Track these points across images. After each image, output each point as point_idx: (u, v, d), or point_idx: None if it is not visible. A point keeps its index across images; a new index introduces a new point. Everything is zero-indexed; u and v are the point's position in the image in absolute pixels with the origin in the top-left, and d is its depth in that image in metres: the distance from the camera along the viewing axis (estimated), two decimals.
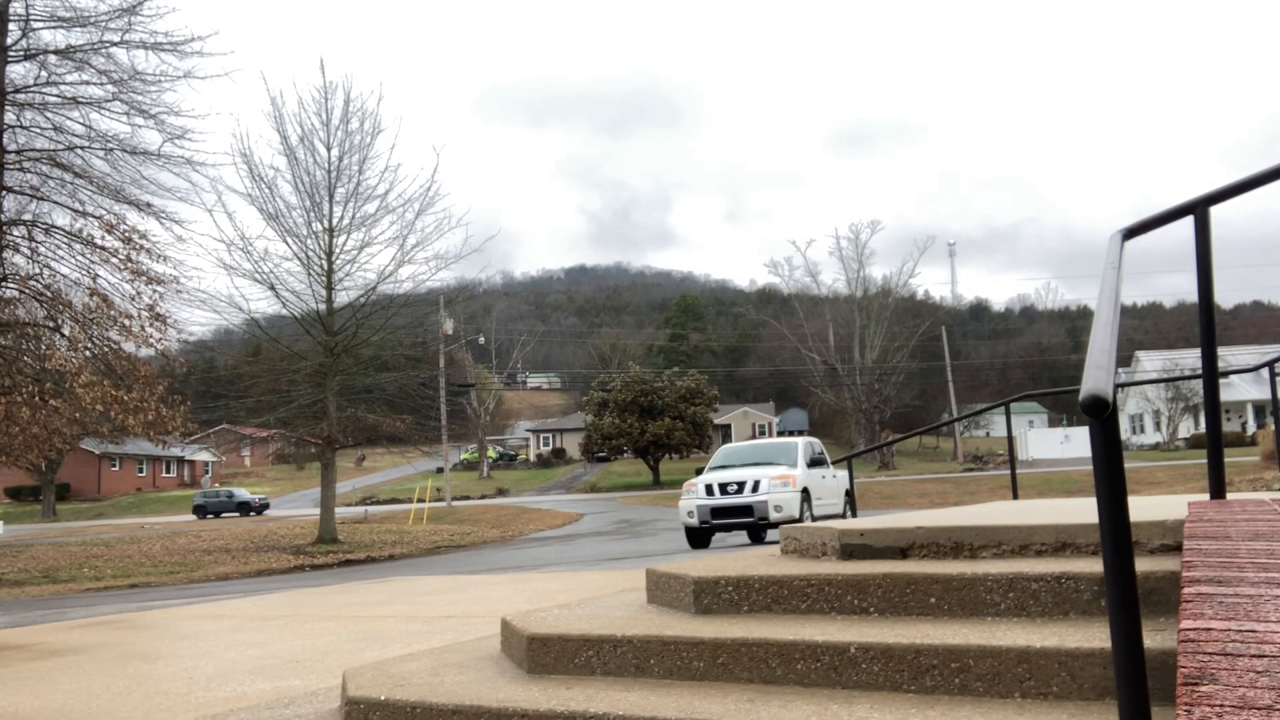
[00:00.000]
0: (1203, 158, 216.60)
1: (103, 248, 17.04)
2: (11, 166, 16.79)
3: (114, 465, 62.42)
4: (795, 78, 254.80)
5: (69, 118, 17.19)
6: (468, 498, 46.74)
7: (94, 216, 17.14)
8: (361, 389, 23.14)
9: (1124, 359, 62.05)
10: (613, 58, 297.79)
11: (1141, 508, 3.96)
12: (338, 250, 22.38)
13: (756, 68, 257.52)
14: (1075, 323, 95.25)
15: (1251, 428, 48.92)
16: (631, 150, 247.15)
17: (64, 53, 16.72)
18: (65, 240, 17.10)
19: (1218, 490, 4.05)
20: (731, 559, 4.60)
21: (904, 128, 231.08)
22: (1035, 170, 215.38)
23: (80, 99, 17.15)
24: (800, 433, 60.96)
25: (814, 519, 14.85)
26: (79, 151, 17.24)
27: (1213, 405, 4.21)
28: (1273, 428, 23.54)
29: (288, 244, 22.10)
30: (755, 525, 14.94)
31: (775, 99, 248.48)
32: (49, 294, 17.01)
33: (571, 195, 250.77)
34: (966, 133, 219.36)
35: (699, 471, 16.39)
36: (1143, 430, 60.84)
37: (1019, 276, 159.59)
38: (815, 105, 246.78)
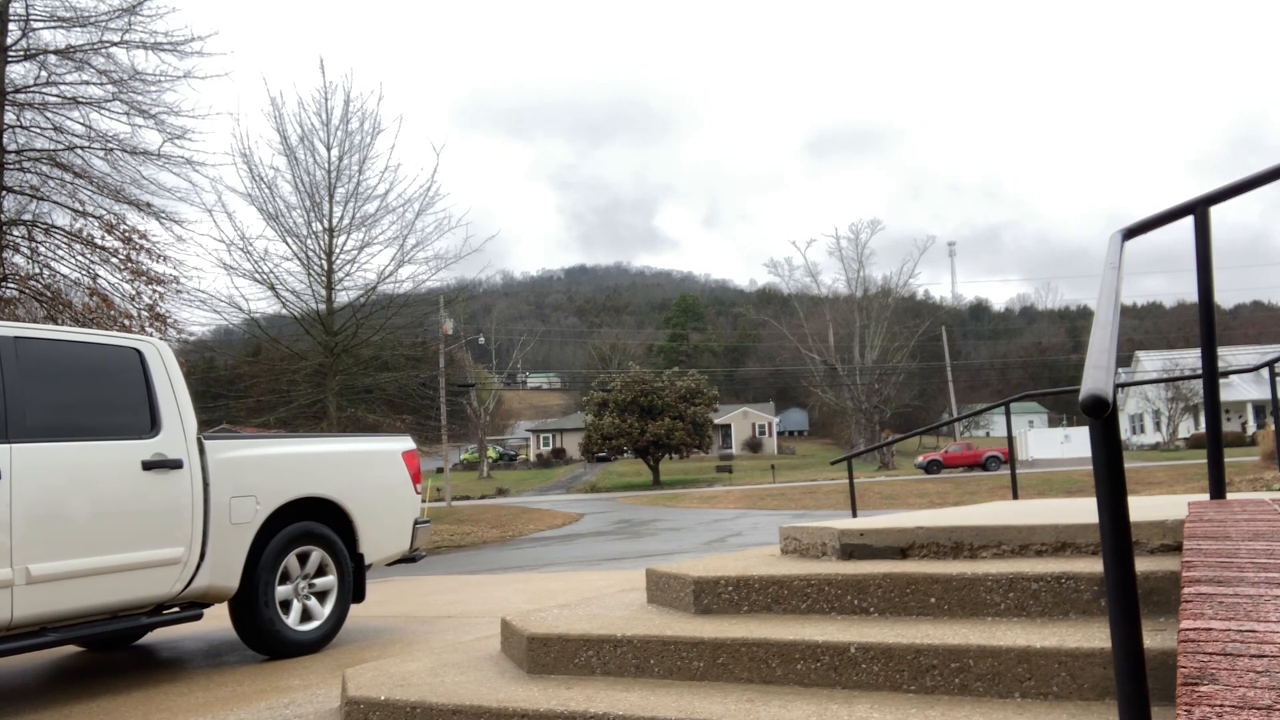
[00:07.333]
0: (1171, 168, 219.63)
1: (103, 248, 17.02)
2: (11, 166, 16.77)
3: None
4: (778, 84, 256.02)
5: (69, 118, 17.17)
6: (468, 498, 46.67)
7: (94, 216, 17.11)
8: (362, 389, 23.16)
9: (1124, 359, 62.06)
10: (592, 67, 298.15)
11: (1141, 508, 3.96)
12: (338, 250, 22.40)
13: (739, 75, 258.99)
14: (1075, 323, 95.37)
15: (1251, 428, 48.90)
16: (617, 157, 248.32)
17: (64, 53, 16.69)
18: (65, 240, 17.08)
19: (1218, 490, 4.04)
20: (732, 559, 4.60)
21: (888, 132, 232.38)
22: (1011, 177, 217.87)
23: (80, 99, 17.13)
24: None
25: None
26: (79, 151, 17.22)
27: (1213, 405, 4.20)
28: (1273, 428, 23.54)
29: (288, 244, 22.13)
30: None
31: (759, 105, 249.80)
32: (49, 294, 16.98)
33: (559, 201, 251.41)
34: (945, 138, 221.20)
35: None
36: (1143, 430, 60.83)
37: (999, 279, 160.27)
38: (799, 110, 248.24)
